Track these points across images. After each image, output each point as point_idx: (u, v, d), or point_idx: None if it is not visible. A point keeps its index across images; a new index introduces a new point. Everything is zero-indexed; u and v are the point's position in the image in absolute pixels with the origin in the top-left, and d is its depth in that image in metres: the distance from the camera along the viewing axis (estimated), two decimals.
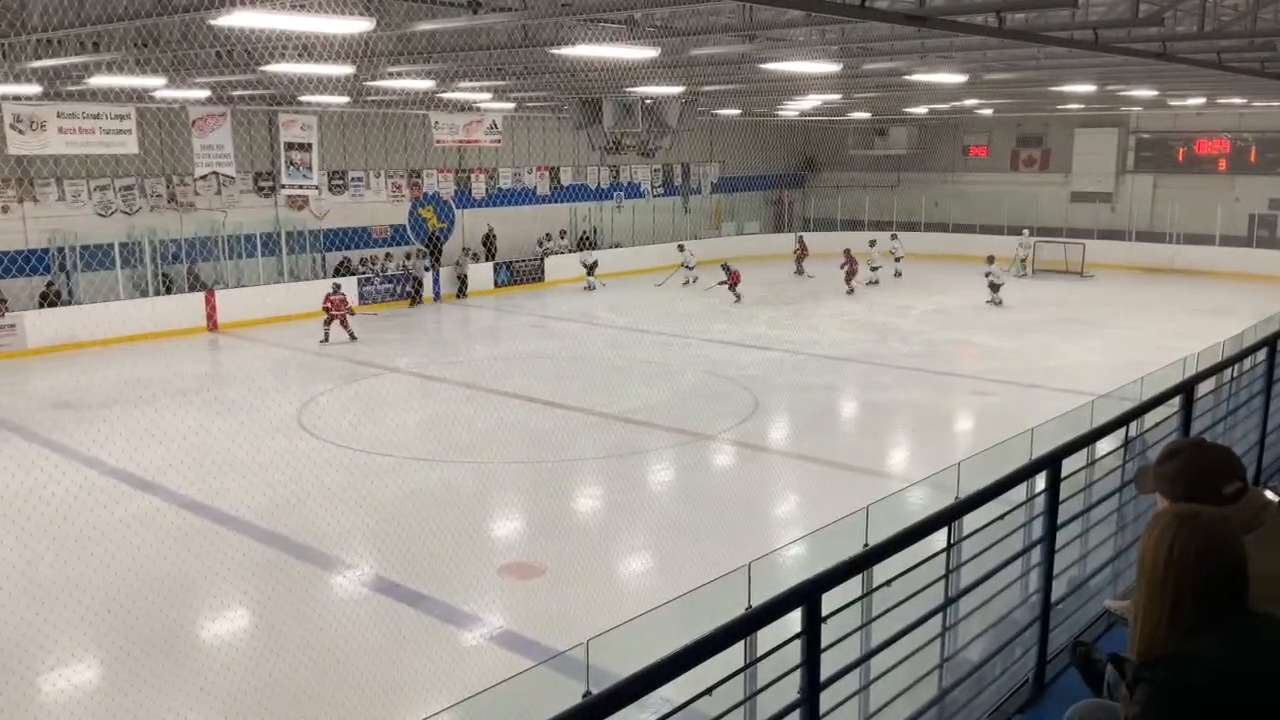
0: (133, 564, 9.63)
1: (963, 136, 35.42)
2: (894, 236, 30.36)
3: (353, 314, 21.54)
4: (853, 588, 3.33)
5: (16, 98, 16.88)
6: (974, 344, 20.82)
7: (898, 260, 29.30)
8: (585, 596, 8.99)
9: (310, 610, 8.98)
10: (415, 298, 25.90)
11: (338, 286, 21.86)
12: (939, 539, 3.78)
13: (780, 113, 29.51)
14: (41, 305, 20.58)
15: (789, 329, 21.83)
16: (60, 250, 21.53)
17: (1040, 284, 28.57)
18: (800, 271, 29.96)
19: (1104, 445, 4.90)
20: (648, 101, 20.36)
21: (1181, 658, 2.05)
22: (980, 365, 18.64)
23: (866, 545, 3.36)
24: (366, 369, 18.56)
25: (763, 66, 14.19)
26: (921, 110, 29.07)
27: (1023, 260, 29.70)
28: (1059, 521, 4.21)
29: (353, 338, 20.89)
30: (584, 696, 2.42)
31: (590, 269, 28.18)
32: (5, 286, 20.18)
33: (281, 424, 14.57)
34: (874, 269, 27.99)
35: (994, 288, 24.49)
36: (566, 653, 6.33)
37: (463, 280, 26.80)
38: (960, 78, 16.17)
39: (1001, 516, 4.20)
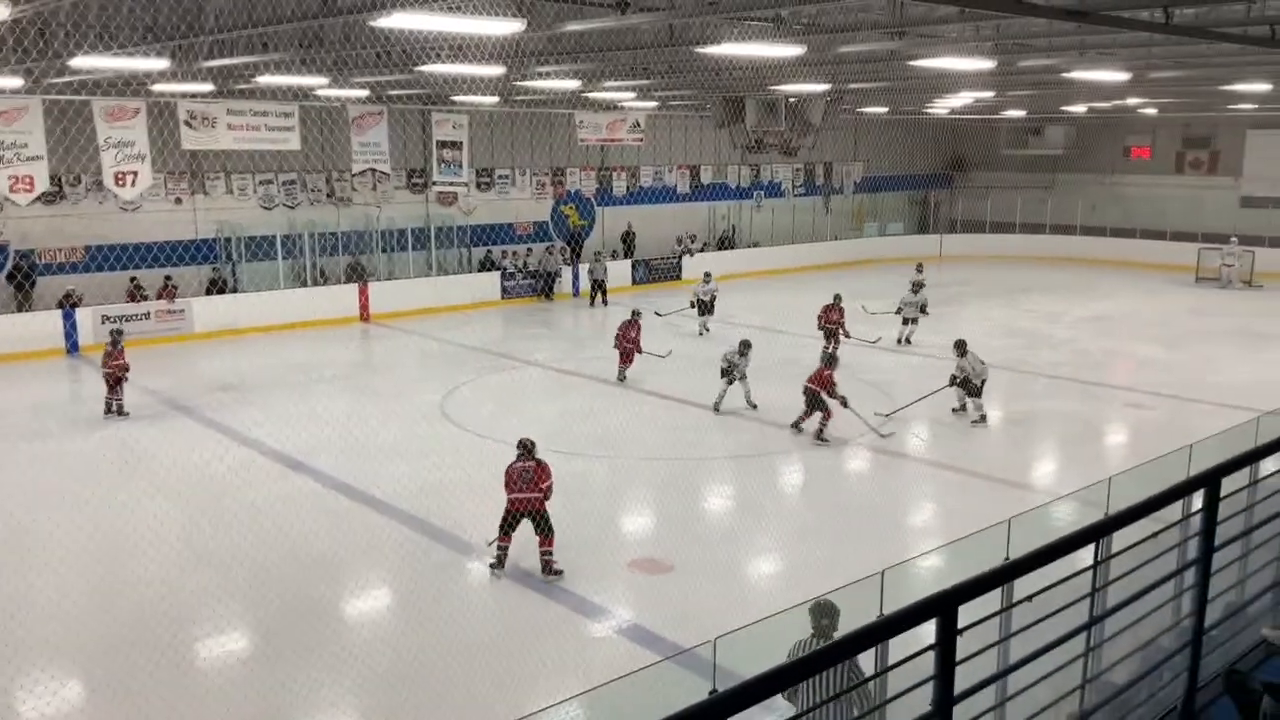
0: (284, 539, 10.16)
1: (1124, 137, 33.76)
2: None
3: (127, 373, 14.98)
4: (991, 601, 3.24)
5: (190, 95, 17.93)
6: (1131, 354, 19.84)
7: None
8: (713, 595, 9.00)
9: (447, 593, 9.28)
10: (548, 293, 26.34)
11: (116, 338, 15.25)
12: (1085, 556, 3.64)
13: (929, 111, 28.77)
14: (209, 292, 21.89)
15: (930, 333, 21.28)
16: (226, 241, 22.89)
17: (1204, 293, 27.02)
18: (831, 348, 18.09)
19: (1268, 464, 4.62)
20: (791, 100, 20.15)
21: None
22: (1137, 377, 17.74)
23: (1007, 558, 3.27)
24: (506, 361, 19.01)
25: (912, 63, 13.87)
26: (1080, 109, 27.84)
27: (1229, 268, 27.87)
28: (1216, 543, 4.00)
29: (120, 411, 14.81)
30: (710, 694, 2.43)
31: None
32: (176, 274, 21.57)
33: (426, 412, 15.09)
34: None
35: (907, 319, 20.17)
36: (694, 649, 6.35)
37: (598, 285, 25.49)
38: (1123, 76, 15.41)
39: (1154, 535, 4.01)
